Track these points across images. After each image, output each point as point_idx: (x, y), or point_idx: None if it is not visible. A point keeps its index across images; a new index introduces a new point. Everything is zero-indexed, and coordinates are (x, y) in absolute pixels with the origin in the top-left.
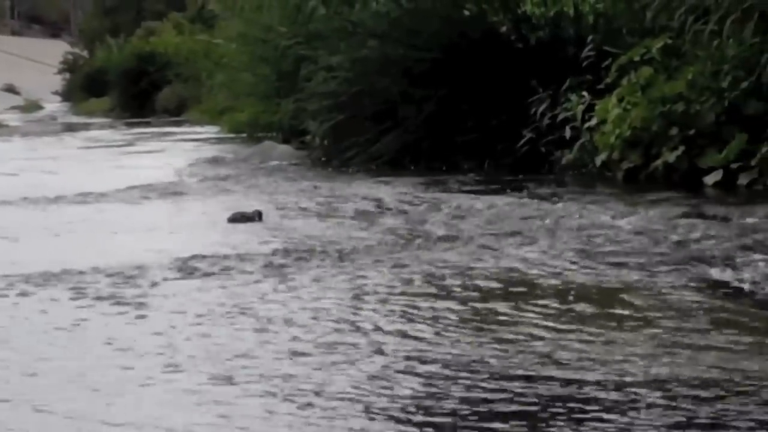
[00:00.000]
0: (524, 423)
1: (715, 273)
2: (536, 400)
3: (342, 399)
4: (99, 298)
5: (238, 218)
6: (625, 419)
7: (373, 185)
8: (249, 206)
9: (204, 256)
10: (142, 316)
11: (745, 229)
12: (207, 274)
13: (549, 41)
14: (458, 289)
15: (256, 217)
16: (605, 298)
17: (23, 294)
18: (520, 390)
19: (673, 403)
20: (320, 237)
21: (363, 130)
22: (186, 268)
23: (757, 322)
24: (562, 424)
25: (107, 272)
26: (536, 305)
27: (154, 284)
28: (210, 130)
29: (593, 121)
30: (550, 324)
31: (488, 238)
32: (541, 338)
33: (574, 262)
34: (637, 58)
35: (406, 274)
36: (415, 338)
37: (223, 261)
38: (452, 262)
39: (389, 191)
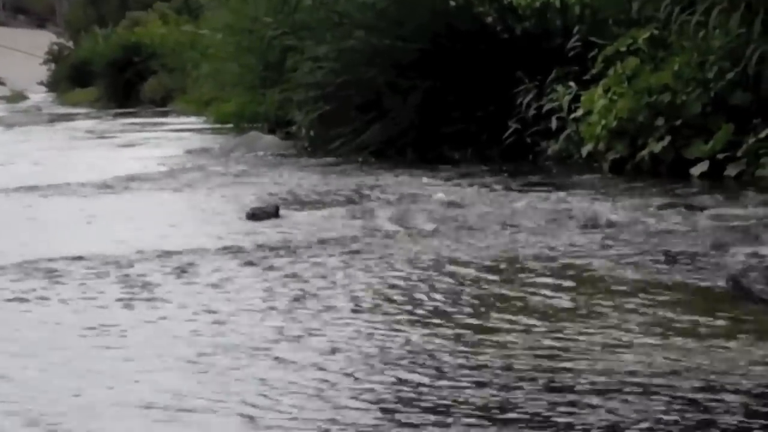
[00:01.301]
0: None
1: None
2: None
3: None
4: (78, 290)
5: (258, 214)
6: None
7: (363, 176)
8: (237, 196)
9: (187, 248)
10: (132, 311)
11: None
12: (194, 268)
13: (535, 32)
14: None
15: (274, 211)
16: (592, 285)
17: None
18: None
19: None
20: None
21: (349, 120)
22: (176, 263)
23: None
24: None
25: (91, 264)
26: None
27: (148, 280)
28: (196, 121)
29: (579, 112)
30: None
31: (475, 229)
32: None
33: (555, 249)
34: (623, 49)
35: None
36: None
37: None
38: (444, 250)
39: (380, 181)
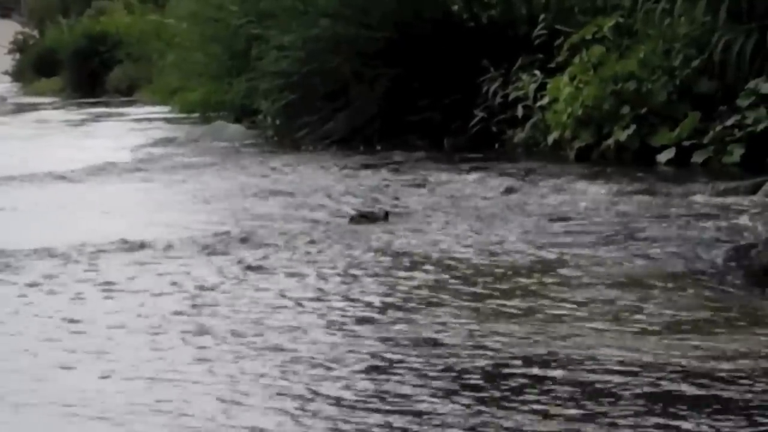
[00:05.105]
0: None
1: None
2: None
3: None
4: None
5: (359, 218)
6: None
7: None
8: (205, 183)
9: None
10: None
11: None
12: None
13: (501, 20)
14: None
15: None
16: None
17: None
18: None
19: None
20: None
21: (315, 109)
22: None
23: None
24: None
25: (55, 254)
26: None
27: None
28: (161, 110)
29: (545, 100)
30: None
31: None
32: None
33: (517, 240)
34: (588, 37)
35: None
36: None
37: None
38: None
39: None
